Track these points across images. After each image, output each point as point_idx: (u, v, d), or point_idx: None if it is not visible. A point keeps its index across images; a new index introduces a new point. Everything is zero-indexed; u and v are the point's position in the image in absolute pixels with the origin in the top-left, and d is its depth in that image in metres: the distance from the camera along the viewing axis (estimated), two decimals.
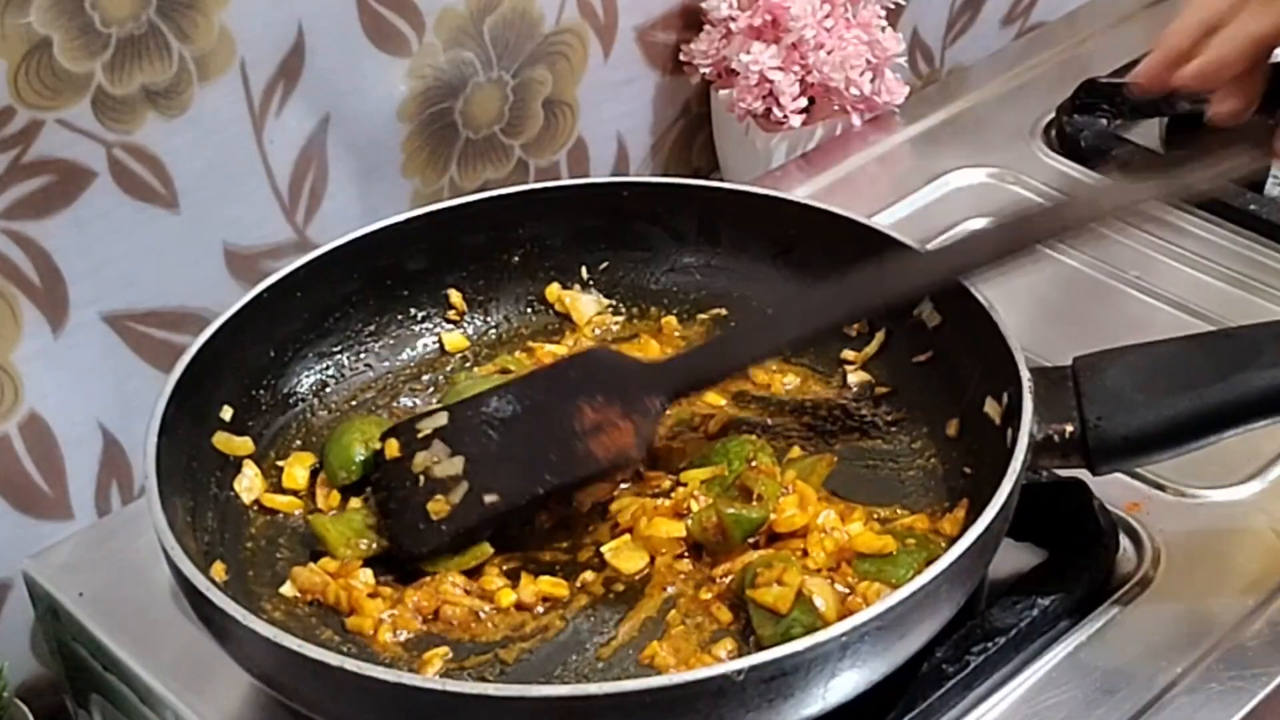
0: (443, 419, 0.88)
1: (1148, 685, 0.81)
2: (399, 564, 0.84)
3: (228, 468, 0.88)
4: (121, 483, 1.05)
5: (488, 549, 0.84)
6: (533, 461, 0.85)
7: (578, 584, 0.83)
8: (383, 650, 0.80)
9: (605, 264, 1.01)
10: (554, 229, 0.99)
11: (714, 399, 0.94)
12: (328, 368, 0.95)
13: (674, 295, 1.01)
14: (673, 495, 0.86)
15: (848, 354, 0.96)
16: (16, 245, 0.95)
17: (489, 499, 0.84)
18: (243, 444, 0.89)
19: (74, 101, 0.94)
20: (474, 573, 0.84)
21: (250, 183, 1.04)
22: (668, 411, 0.88)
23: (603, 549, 0.84)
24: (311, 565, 0.84)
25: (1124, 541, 0.88)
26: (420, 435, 0.87)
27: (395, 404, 0.95)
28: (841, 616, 0.78)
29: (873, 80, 1.19)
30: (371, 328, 0.97)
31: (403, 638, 0.81)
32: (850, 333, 0.96)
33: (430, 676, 0.77)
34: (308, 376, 0.94)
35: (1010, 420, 0.81)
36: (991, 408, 0.85)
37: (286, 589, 0.83)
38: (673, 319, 0.99)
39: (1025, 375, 0.81)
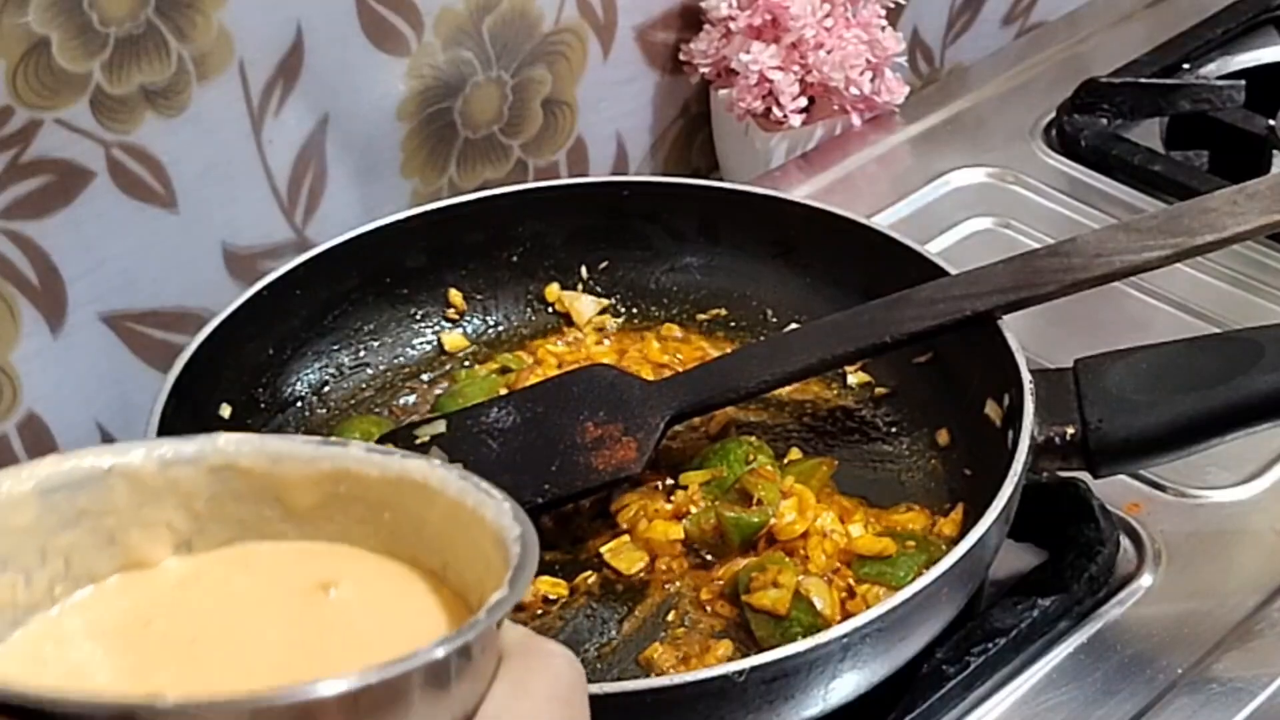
0: (441, 426, 0.87)
1: (1148, 685, 0.81)
2: None
3: None
4: None
5: None
6: (532, 472, 0.84)
7: (577, 584, 0.83)
8: None
9: (605, 263, 1.00)
10: (553, 228, 0.99)
11: None
12: (327, 366, 0.95)
13: (674, 295, 1.00)
14: (673, 498, 0.85)
15: None
16: (15, 245, 0.95)
17: None
18: None
19: (72, 101, 0.93)
20: None
21: (249, 182, 1.04)
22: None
23: (602, 550, 0.84)
24: None
25: (1124, 541, 0.88)
26: (418, 441, 0.87)
27: (395, 403, 0.95)
28: (841, 614, 0.78)
29: (873, 80, 1.19)
30: (370, 326, 0.97)
31: None
32: None
33: None
34: (307, 375, 0.94)
35: (1011, 422, 0.81)
36: (992, 409, 0.85)
37: None
38: (673, 319, 0.99)
39: (1026, 377, 0.81)
